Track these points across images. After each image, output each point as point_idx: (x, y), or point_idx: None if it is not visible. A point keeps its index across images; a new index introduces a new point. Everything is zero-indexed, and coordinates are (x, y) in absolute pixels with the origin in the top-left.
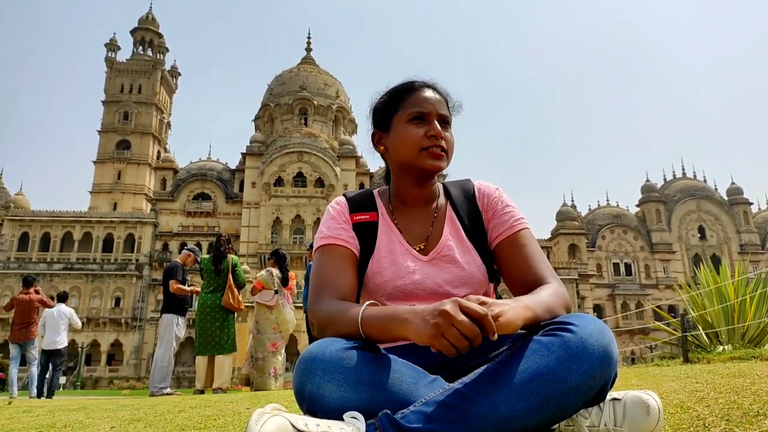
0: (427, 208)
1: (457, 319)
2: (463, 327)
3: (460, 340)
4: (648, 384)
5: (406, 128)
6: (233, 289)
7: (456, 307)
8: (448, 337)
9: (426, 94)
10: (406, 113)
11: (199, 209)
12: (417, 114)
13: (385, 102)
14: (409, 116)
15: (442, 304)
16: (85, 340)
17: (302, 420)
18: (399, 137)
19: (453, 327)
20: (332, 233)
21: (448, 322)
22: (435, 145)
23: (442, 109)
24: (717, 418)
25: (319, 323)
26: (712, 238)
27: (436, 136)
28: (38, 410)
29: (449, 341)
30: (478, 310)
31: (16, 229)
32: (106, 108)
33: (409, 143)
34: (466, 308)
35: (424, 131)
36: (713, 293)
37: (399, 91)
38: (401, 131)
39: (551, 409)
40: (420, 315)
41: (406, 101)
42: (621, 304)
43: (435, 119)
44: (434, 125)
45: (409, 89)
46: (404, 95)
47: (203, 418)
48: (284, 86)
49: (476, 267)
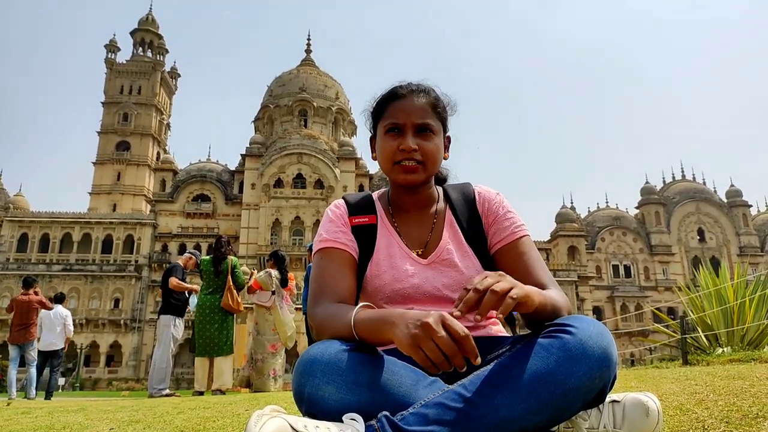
0: (425, 211)
1: (436, 334)
2: (441, 343)
3: (436, 355)
4: (647, 386)
5: (384, 140)
6: (232, 291)
7: (438, 322)
8: (425, 350)
9: (404, 104)
10: (384, 123)
11: (199, 210)
12: (392, 125)
13: (373, 109)
14: (386, 127)
15: (426, 315)
16: (84, 342)
17: (301, 422)
18: (378, 147)
19: (431, 341)
20: (331, 236)
21: (427, 335)
22: (406, 158)
23: (422, 118)
24: (716, 420)
25: (317, 326)
26: (711, 240)
27: (406, 150)
28: (37, 411)
29: (425, 354)
30: (458, 330)
31: (15, 230)
32: (105, 109)
33: (383, 156)
34: (449, 326)
35: (397, 144)
36: (712, 295)
37: (381, 99)
38: (380, 142)
39: (551, 411)
40: (405, 320)
41: (386, 111)
42: (620, 306)
43: (410, 131)
44: (406, 138)
45: (389, 98)
46: (385, 104)
47: (202, 419)
48: (284, 88)
49: (475, 271)
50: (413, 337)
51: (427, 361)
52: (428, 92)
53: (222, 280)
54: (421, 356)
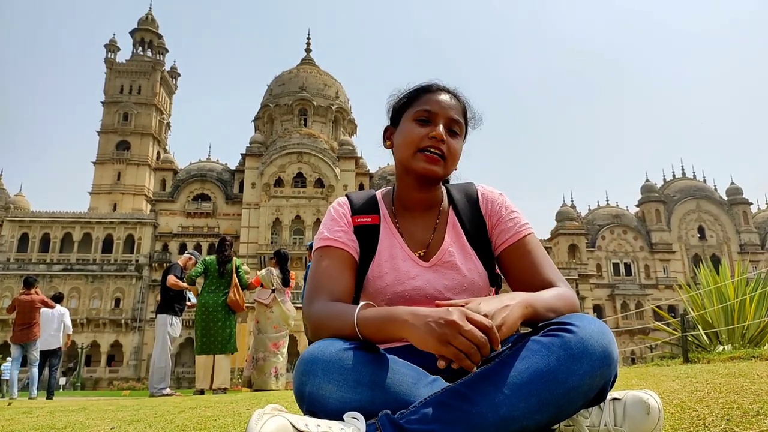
0: (429, 212)
1: (465, 329)
2: (472, 336)
3: (469, 347)
4: (648, 384)
5: (410, 125)
6: (238, 288)
7: (463, 317)
8: (457, 345)
9: (440, 97)
10: (414, 110)
11: (199, 210)
12: (424, 113)
13: (401, 99)
14: (416, 114)
15: (449, 314)
16: (85, 341)
17: (302, 420)
18: (401, 133)
19: (461, 336)
20: (332, 235)
21: (456, 331)
22: (433, 146)
23: (455, 115)
24: (717, 417)
25: (312, 325)
26: (711, 238)
27: (436, 138)
28: (38, 411)
29: (457, 348)
30: (484, 322)
31: (15, 230)
32: (105, 109)
33: (407, 140)
34: (473, 319)
35: (426, 132)
36: (713, 293)
37: (416, 89)
38: (405, 127)
39: (551, 410)
40: (423, 320)
41: (419, 99)
42: (621, 305)
43: (441, 122)
44: (438, 127)
45: (426, 89)
46: (419, 94)
47: (203, 418)
48: (284, 87)
49: (477, 274)
50: (442, 336)
51: (459, 354)
52: (460, 97)
53: (226, 280)
54: (453, 351)
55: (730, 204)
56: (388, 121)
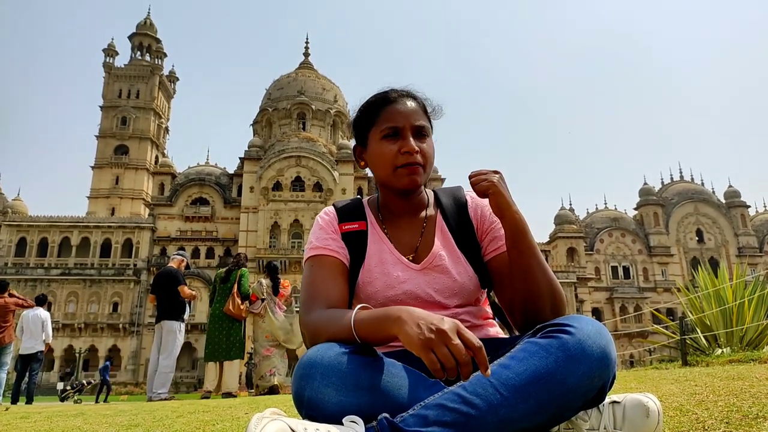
0: (415, 217)
1: (451, 341)
2: (456, 351)
3: (449, 360)
4: (647, 387)
5: (381, 145)
6: (235, 298)
7: (454, 331)
8: (438, 355)
9: (399, 107)
10: (380, 129)
11: (198, 214)
12: (390, 129)
13: (360, 117)
14: (382, 132)
15: (442, 322)
16: (82, 346)
17: (301, 424)
18: (374, 154)
19: (445, 346)
20: (321, 243)
21: (442, 341)
22: (409, 162)
23: (418, 120)
24: (716, 420)
25: (311, 332)
26: (710, 241)
27: (410, 152)
28: (36, 416)
29: (438, 358)
30: (473, 341)
31: (13, 234)
32: (104, 113)
33: (383, 161)
34: (464, 335)
35: (397, 147)
36: (711, 296)
37: (372, 104)
38: (376, 148)
39: (551, 411)
40: (416, 320)
41: (380, 116)
42: (619, 308)
43: (409, 133)
44: (408, 141)
45: (382, 102)
46: (377, 109)
47: (201, 423)
48: (282, 91)
49: (468, 278)
50: (427, 341)
51: (436, 364)
52: (416, 96)
53: (229, 289)
54: (432, 359)
55: (728, 207)
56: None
